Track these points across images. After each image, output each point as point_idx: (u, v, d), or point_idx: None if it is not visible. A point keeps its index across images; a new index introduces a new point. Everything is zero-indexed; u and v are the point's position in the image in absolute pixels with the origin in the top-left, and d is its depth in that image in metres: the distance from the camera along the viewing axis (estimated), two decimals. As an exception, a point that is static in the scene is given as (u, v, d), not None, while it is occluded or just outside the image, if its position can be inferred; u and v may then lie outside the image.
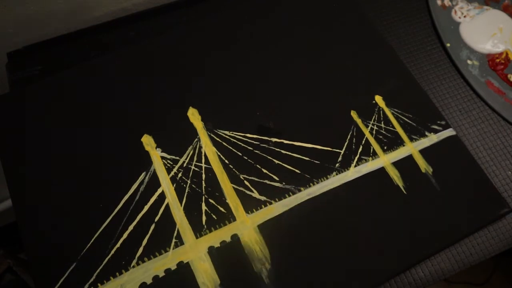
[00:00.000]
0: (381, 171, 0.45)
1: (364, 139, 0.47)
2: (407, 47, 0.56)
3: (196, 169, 0.43)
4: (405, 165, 0.46)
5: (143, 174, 0.42)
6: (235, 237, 0.40)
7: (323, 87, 0.50)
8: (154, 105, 0.46)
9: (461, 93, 0.54)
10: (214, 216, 0.41)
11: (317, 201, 0.43)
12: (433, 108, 0.51)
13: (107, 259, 0.38)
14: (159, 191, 0.41)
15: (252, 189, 0.43)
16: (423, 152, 0.47)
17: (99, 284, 0.37)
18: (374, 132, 0.48)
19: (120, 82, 0.47)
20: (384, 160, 0.46)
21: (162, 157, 0.43)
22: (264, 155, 0.44)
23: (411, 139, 0.48)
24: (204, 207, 0.41)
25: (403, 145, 0.47)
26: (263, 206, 0.42)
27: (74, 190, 0.41)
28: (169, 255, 0.39)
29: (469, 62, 0.56)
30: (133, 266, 0.38)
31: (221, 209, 0.41)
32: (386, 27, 0.57)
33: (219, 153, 0.44)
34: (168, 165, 0.43)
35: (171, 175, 0.42)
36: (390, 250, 0.41)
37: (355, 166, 0.45)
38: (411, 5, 0.60)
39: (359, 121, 0.48)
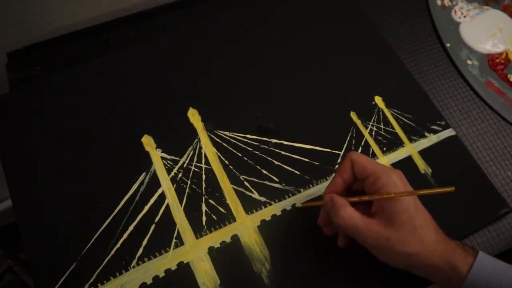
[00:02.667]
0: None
1: (364, 140, 0.47)
2: (407, 47, 0.56)
3: (196, 169, 0.43)
4: (404, 166, 0.46)
5: (143, 174, 0.42)
6: (235, 238, 0.40)
7: (322, 88, 0.50)
8: (154, 106, 0.46)
9: (461, 93, 0.54)
10: (214, 217, 0.41)
11: (317, 202, 0.43)
12: (433, 108, 0.51)
13: (107, 259, 0.38)
14: (159, 191, 0.42)
15: (252, 190, 0.43)
16: (423, 152, 0.47)
17: (99, 284, 0.37)
18: (373, 133, 0.48)
19: (120, 82, 0.47)
20: (383, 161, 0.46)
21: (162, 158, 0.43)
22: (264, 156, 0.44)
23: (411, 140, 0.48)
24: (204, 208, 0.41)
25: (403, 146, 0.47)
26: (263, 207, 0.42)
27: (74, 190, 0.41)
28: (169, 255, 0.39)
29: (469, 62, 0.56)
30: (133, 266, 0.38)
31: (221, 209, 0.41)
32: (386, 27, 0.57)
33: (219, 154, 0.44)
34: (168, 165, 0.43)
35: (171, 175, 0.42)
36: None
37: (355, 166, 0.45)
38: (411, 5, 0.60)
39: (358, 122, 0.48)
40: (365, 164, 0.36)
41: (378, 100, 0.50)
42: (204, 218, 0.41)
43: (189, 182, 0.42)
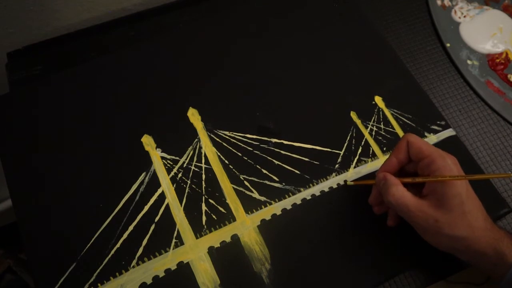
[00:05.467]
0: (381, 171, 0.45)
1: (364, 140, 0.47)
2: (407, 47, 0.56)
3: (196, 169, 0.43)
4: (405, 165, 0.46)
5: (143, 174, 0.42)
6: (235, 237, 0.40)
7: (322, 88, 0.50)
8: (154, 105, 0.46)
9: (461, 93, 0.54)
10: (214, 216, 0.41)
11: (317, 202, 0.43)
12: (433, 108, 0.51)
13: (107, 259, 0.38)
14: (159, 191, 0.42)
15: (252, 189, 0.43)
16: (423, 152, 0.47)
17: (99, 284, 0.37)
18: (373, 133, 0.48)
19: (120, 82, 0.47)
20: (384, 161, 0.46)
21: (162, 157, 0.43)
22: (264, 155, 0.44)
23: (411, 140, 0.48)
24: (204, 207, 0.41)
25: (403, 146, 0.47)
26: (263, 206, 0.42)
27: (74, 190, 0.41)
28: (169, 255, 0.39)
29: (469, 62, 0.56)
30: (133, 266, 0.38)
31: (221, 209, 0.41)
32: (386, 27, 0.57)
33: (219, 154, 0.44)
34: (168, 165, 0.43)
35: (171, 175, 0.42)
36: (390, 250, 0.41)
37: (355, 167, 0.45)
38: (411, 5, 0.60)
39: (358, 122, 0.48)
40: (421, 146, 0.37)
41: (378, 100, 0.50)
42: (204, 218, 0.41)
43: (189, 181, 0.42)
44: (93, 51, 0.50)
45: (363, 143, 0.47)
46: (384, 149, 0.47)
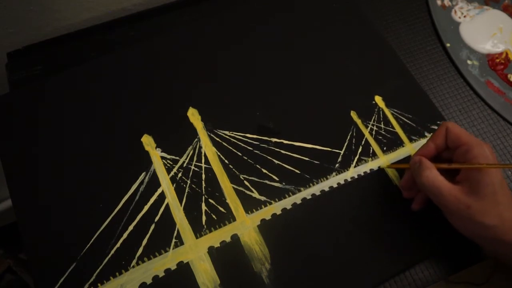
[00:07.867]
0: (381, 171, 0.45)
1: (364, 140, 0.47)
2: (407, 47, 0.56)
3: (196, 169, 0.43)
4: (405, 165, 0.46)
5: (143, 174, 0.42)
6: (235, 237, 0.40)
7: (323, 87, 0.50)
8: (154, 105, 0.46)
9: (461, 93, 0.54)
10: (214, 216, 0.41)
11: (317, 202, 0.43)
12: (433, 108, 0.51)
13: (107, 259, 0.38)
14: (159, 191, 0.42)
15: (252, 189, 0.43)
16: (423, 152, 0.47)
17: (99, 284, 0.37)
18: (373, 132, 0.48)
19: (120, 82, 0.47)
20: (384, 160, 0.46)
21: (162, 157, 0.43)
22: (264, 155, 0.44)
23: (411, 140, 0.48)
24: (204, 207, 0.41)
25: (403, 146, 0.47)
26: (263, 206, 0.42)
27: (74, 190, 0.41)
28: (169, 255, 0.39)
29: (469, 62, 0.56)
30: (133, 266, 0.38)
31: (221, 209, 0.41)
32: (386, 27, 0.57)
33: (219, 153, 0.44)
34: (168, 165, 0.43)
35: (171, 175, 0.42)
36: (389, 250, 0.41)
37: (355, 166, 0.45)
38: (411, 5, 0.60)
39: (359, 122, 0.48)
40: (459, 134, 0.38)
41: (378, 99, 0.50)
42: (204, 218, 0.41)
43: (189, 181, 0.42)
44: (93, 51, 0.50)
45: (363, 142, 0.47)
46: (384, 148, 0.47)
